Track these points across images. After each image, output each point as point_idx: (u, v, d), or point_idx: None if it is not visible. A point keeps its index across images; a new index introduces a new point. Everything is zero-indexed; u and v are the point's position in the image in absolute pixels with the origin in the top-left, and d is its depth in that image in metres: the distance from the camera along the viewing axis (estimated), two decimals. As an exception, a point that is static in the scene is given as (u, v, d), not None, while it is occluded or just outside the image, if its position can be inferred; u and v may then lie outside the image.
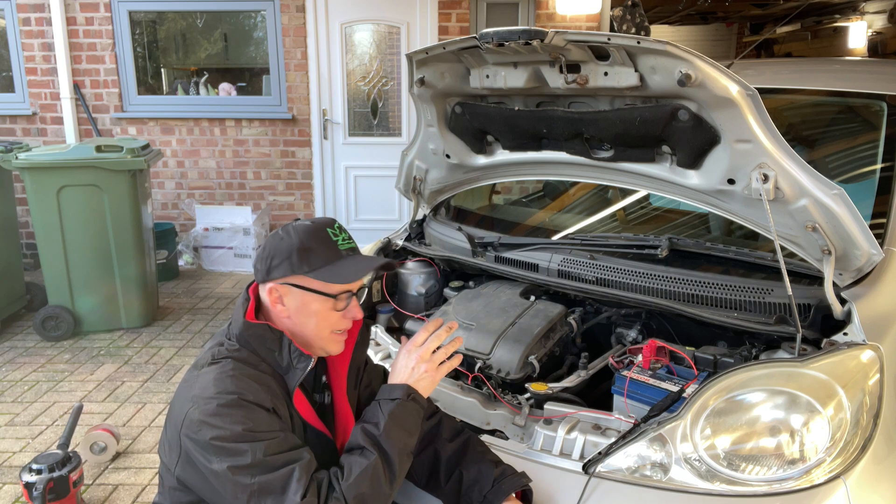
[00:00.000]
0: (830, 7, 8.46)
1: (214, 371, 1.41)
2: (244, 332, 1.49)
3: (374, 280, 2.48)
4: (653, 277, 2.04)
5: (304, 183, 6.05)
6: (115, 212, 4.25)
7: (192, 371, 1.48)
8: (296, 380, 1.48)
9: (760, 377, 1.59)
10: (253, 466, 1.32)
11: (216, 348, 1.49)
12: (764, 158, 1.73)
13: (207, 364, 1.45)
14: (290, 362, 1.48)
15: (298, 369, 1.47)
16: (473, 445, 1.66)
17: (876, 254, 1.75)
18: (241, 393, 1.36)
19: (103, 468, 2.98)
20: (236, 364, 1.43)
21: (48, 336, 4.31)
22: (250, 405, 1.36)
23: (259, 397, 1.38)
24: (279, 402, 1.43)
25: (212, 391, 1.37)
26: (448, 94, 2.28)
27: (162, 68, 6.24)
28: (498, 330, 2.05)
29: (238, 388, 1.37)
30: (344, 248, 1.49)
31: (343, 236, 1.52)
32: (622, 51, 1.75)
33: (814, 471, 1.46)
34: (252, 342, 1.48)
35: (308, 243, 1.46)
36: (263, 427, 1.35)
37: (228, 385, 1.37)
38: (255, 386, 1.40)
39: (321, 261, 1.46)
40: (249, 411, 1.35)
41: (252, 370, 1.44)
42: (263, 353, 1.48)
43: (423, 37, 5.73)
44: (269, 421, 1.37)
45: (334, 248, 1.48)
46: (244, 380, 1.40)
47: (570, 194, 3.06)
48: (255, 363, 1.46)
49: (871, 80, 2.68)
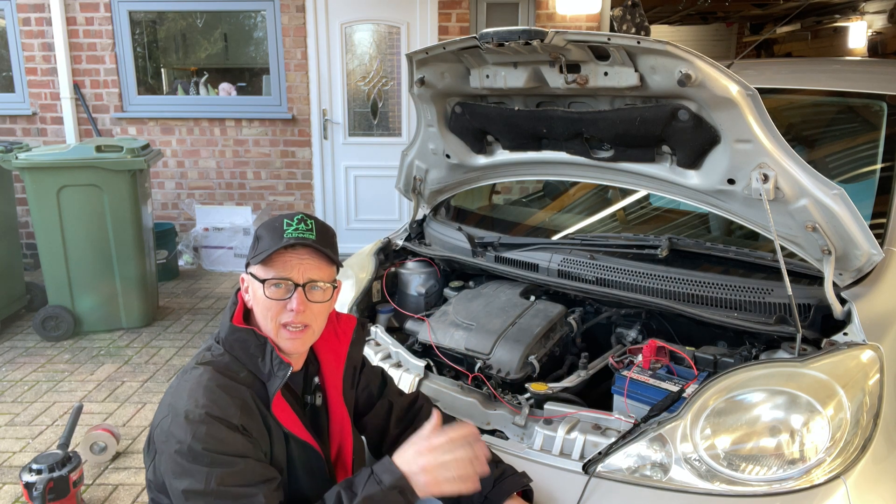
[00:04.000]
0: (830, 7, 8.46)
1: (193, 380, 1.40)
2: (229, 336, 1.47)
3: (374, 280, 2.48)
4: (653, 277, 2.04)
5: (304, 183, 6.05)
6: (115, 212, 4.25)
7: (179, 376, 1.47)
8: (275, 387, 1.44)
9: (760, 377, 1.59)
10: (206, 495, 1.29)
11: (204, 353, 1.48)
12: (764, 158, 1.73)
13: (192, 369, 1.44)
14: (271, 369, 1.44)
15: (278, 377, 1.44)
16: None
17: (876, 254, 1.75)
18: (209, 408, 1.34)
19: (103, 468, 2.98)
20: (214, 374, 1.40)
21: (48, 336, 4.31)
22: (215, 421, 1.33)
23: (227, 413, 1.35)
24: (251, 418, 1.39)
25: (184, 401, 1.36)
26: (448, 94, 2.28)
27: (162, 68, 6.24)
28: (498, 330, 2.05)
29: (208, 401, 1.35)
30: (291, 237, 1.44)
31: (300, 227, 1.46)
32: (622, 51, 1.75)
33: (814, 471, 1.46)
34: (236, 347, 1.46)
35: (261, 232, 1.49)
36: (226, 448, 1.32)
37: (199, 397, 1.35)
38: (227, 400, 1.37)
39: (262, 248, 1.45)
40: (214, 429, 1.32)
41: (229, 381, 1.41)
42: (246, 358, 1.46)
43: (423, 37, 5.73)
44: (232, 441, 1.33)
45: (278, 237, 1.44)
46: (217, 392, 1.37)
47: (570, 194, 3.06)
48: (236, 370, 1.44)
49: (871, 80, 2.68)
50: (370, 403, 1.74)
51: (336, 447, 1.62)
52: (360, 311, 2.38)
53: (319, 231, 1.48)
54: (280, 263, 1.45)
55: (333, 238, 1.53)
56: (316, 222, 1.49)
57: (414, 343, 2.22)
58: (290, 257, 1.45)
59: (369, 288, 2.45)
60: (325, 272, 1.48)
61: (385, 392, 1.76)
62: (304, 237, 1.45)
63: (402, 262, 2.60)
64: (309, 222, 1.48)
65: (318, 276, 1.47)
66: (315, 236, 1.47)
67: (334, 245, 1.52)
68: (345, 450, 1.62)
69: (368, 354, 2.12)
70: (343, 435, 1.62)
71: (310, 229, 1.47)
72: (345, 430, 1.62)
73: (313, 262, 1.47)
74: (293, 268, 1.45)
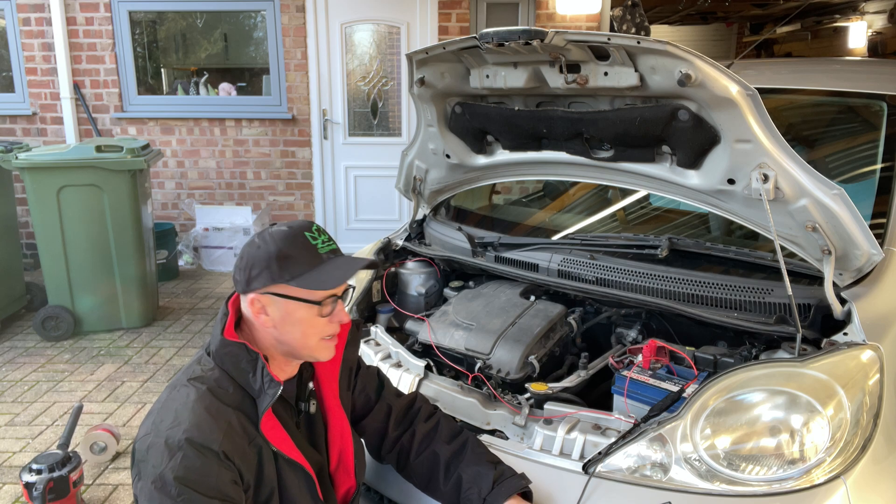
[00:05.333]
0: (830, 7, 8.46)
1: (180, 400, 1.37)
2: (220, 350, 1.43)
3: (374, 280, 2.48)
4: (653, 277, 2.03)
5: (304, 183, 6.05)
6: (115, 212, 4.25)
7: (167, 390, 1.44)
8: (265, 405, 1.40)
9: (760, 377, 1.59)
10: None
11: (194, 366, 1.45)
12: (764, 158, 1.73)
13: (181, 385, 1.41)
14: (261, 386, 1.40)
15: (268, 395, 1.40)
16: (472, 447, 1.65)
17: (876, 254, 1.75)
18: (189, 433, 1.30)
19: (103, 468, 2.98)
20: (202, 395, 1.37)
21: (48, 336, 4.31)
22: (194, 449, 1.29)
23: (208, 438, 1.31)
24: (234, 444, 1.35)
25: (167, 423, 1.33)
26: (448, 94, 2.28)
27: (162, 68, 6.24)
28: (498, 330, 2.05)
29: (190, 424, 1.32)
30: (324, 252, 1.43)
31: (322, 238, 1.46)
32: (622, 51, 1.75)
33: (814, 471, 1.46)
34: (227, 361, 1.42)
35: (287, 250, 1.40)
36: (199, 482, 1.28)
37: (182, 420, 1.33)
38: (210, 425, 1.33)
39: (302, 267, 1.40)
40: (191, 459, 1.28)
41: (216, 402, 1.38)
42: (237, 373, 1.42)
43: (423, 37, 5.73)
44: (207, 473, 1.29)
45: (314, 253, 1.42)
46: (202, 415, 1.34)
47: (570, 194, 3.06)
48: (226, 388, 1.40)
49: (871, 80, 2.68)
50: (368, 406, 1.74)
51: (337, 452, 1.61)
52: (360, 311, 2.38)
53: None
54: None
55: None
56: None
57: (414, 343, 2.22)
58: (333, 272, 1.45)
59: (369, 288, 2.45)
60: None
61: (383, 394, 1.76)
62: (333, 248, 1.47)
63: (402, 262, 2.60)
64: (324, 231, 1.49)
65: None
66: (335, 244, 1.49)
67: None
68: (346, 454, 1.61)
69: (368, 354, 2.12)
70: (343, 440, 1.61)
71: (330, 238, 1.49)
72: (345, 435, 1.61)
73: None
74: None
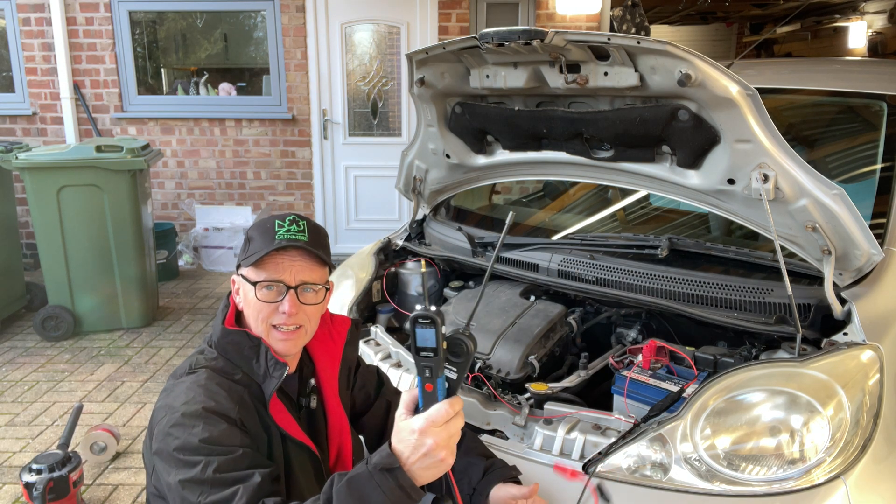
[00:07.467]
0: (830, 7, 8.46)
1: (188, 381, 1.39)
2: (222, 339, 1.46)
3: (374, 280, 2.48)
4: (653, 277, 2.03)
5: (304, 183, 6.05)
6: (115, 212, 4.25)
7: (171, 380, 1.46)
8: (271, 388, 1.43)
9: (760, 377, 1.59)
10: (202, 483, 1.26)
11: (196, 356, 1.47)
12: (764, 158, 1.73)
13: (185, 374, 1.43)
14: (266, 370, 1.43)
15: (274, 377, 1.42)
16: (466, 442, 1.65)
17: (876, 254, 1.76)
18: (206, 403, 1.33)
19: (103, 468, 2.98)
20: (210, 374, 1.40)
21: (48, 336, 4.31)
22: (213, 416, 1.32)
23: (224, 407, 1.34)
24: (249, 414, 1.39)
25: (181, 401, 1.35)
26: (448, 94, 2.28)
27: (162, 68, 6.24)
28: (498, 330, 2.05)
29: (205, 397, 1.34)
30: (281, 238, 1.42)
31: (291, 228, 1.44)
32: (622, 51, 1.75)
33: (814, 471, 1.46)
34: (229, 349, 1.45)
35: (251, 233, 1.47)
36: (223, 440, 1.30)
37: (196, 395, 1.35)
38: (223, 396, 1.36)
39: (254, 249, 1.43)
40: (211, 422, 1.31)
41: (225, 380, 1.41)
42: (240, 361, 1.45)
43: (423, 37, 5.73)
44: (229, 434, 1.32)
45: (270, 238, 1.42)
46: (214, 389, 1.37)
47: (570, 194, 3.06)
48: (231, 372, 1.43)
49: (871, 80, 2.68)
50: (368, 403, 1.74)
51: (335, 449, 1.62)
52: (361, 311, 2.38)
53: (311, 232, 1.46)
54: (272, 265, 1.43)
55: (326, 239, 1.51)
56: (308, 223, 1.47)
57: (414, 343, 2.22)
58: (281, 259, 1.43)
59: (369, 288, 2.45)
60: (317, 274, 1.47)
61: (382, 392, 1.76)
62: (295, 239, 1.43)
63: (402, 262, 2.60)
64: (301, 223, 1.46)
65: (311, 278, 1.45)
66: (307, 238, 1.45)
67: (326, 246, 1.50)
68: (344, 451, 1.62)
69: (368, 354, 2.12)
70: (342, 437, 1.62)
71: (301, 231, 1.45)
72: (343, 432, 1.62)
73: (305, 264, 1.45)
74: (285, 270, 1.43)
